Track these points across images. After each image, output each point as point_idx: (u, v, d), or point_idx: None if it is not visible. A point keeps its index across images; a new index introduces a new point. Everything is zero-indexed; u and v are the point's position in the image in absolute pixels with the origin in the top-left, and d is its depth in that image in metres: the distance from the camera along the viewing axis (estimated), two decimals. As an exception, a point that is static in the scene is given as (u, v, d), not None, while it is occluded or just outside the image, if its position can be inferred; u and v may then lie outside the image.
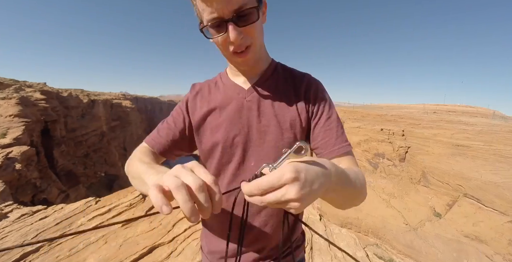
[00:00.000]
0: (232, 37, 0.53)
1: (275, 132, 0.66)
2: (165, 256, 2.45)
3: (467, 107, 30.29)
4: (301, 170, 0.35)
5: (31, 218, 3.26)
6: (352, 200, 0.55)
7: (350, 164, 0.63)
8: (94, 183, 22.84)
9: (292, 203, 0.35)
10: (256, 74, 0.72)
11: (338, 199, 0.51)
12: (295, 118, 0.67)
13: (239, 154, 0.68)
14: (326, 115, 0.68)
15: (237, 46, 0.57)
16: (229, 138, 0.68)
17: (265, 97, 0.69)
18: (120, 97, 41.71)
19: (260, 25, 0.60)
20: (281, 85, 0.72)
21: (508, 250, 12.09)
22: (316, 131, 0.68)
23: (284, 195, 0.34)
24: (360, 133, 24.32)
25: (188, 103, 0.75)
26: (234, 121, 0.68)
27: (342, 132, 0.68)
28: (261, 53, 0.68)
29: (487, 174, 15.14)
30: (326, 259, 2.49)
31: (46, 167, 14.74)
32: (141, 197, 3.81)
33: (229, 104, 0.70)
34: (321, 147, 0.66)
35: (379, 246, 14.76)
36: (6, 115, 14.15)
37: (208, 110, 0.71)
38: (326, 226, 3.23)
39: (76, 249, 2.52)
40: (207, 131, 0.71)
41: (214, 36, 0.56)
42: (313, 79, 0.73)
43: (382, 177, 21.08)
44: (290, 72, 0.75)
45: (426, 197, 17.40)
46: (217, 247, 0.74)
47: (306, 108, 0.69)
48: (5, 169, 9.64)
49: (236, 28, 0.53)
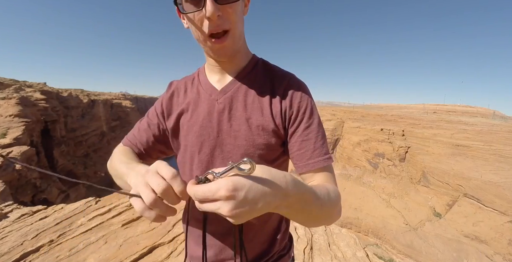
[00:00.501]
0: (208, 12, 0.49)
1: (246, 137, 0.62)
2: (165, 256, 2.44)
3: (467, 107, 30.30)
4: (240, 187, 0.34)
5: (31, 218, 3.27)
6: (317, 220, 0.51)
7: (324, 181, 0.59)
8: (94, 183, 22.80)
9: (224, 216, 0.35)
10: (233, 70, 0.67)
11: (298, 217, 0.47)
12: (268, 124, 0.62)
13: (208, 159, 0.65)
14: (305, 123, 0.62)
15: (214, 26, 0.52)
16: (198, 142, 0.65)
17: (238, 99, 0.64)
18: (120, 97, 41.73)
19: (241, 11, 0.57)
20: (258, 85, 0.66)
21: (508, 250, 12.09)
22: (292, 139, 0.63)
23: (217, 210, 0.34)
24: (360, 132, 24.33)
25: (163, 106, 0.73)
26: (204, 125, 0.64)
27: (322, 143, 0.62)
28: (240, 44, 0.63)
29: (487, 174, 15.15)
30: (326, 259, 2.49)
31: (46, 167, 14.74)
32: (141, 197, 3.81)
33: (200, 106, 0.67)
34: (296, 159, 0.62)
35: (379, 246, 14.77)
36: (6, 115, 14.15)
37: (180, 113, 0.69)
38: (326, 226, 3.23)
39: (76, 249, 2.52)
40: (180, 134, 0.69)
41: (190, 11, 0.52)
42: (295, 80, 0.67)
43: (382, 177, 21.09)
44: (271, 71, 0.69)
45: (426, 197, 17.41)
46: (194, 252, 0.70)
47: (281, 113, 0.63)
48: (5, 169, 9.64)
49: (215, 3, 0.49)
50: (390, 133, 22.61)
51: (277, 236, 0.72)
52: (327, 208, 0.49)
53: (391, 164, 21.29)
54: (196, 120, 0.66)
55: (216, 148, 0.64)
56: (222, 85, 0.67)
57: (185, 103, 0.69)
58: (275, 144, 0.63)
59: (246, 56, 0.69)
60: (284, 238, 0.75)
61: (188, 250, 0.75)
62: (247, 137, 0.62)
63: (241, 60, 0.68)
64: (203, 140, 0.64)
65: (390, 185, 19.82)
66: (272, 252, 0.70)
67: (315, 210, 0.46)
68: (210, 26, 0.52)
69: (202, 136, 0.64)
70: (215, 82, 0.68)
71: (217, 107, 0.65)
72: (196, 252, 0.69)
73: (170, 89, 0.75)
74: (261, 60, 0.72)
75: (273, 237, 0.71)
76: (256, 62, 0.70)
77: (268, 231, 0.70)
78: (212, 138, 0.64)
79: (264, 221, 0.67)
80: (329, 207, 0.50)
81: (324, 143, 0.62)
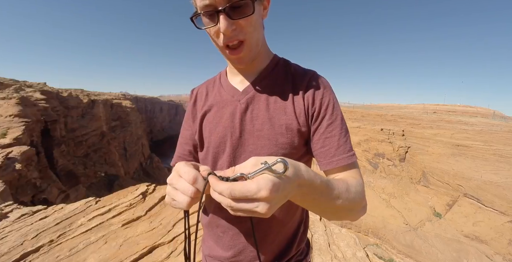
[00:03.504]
0: (222, 28, 0.50)
1: (269, 136, 0.61)
2: (165, 256, 2.44)
3: (467, 107, 30.28)
4: (280, 189, 0.36)
5: (31, 218, 3.27)
6: (336, 213, 0.52)
7: (349, 176, 0.58)
8: (94, 183, 22.83)
9: (260, 216, 0.36)
10: (254, 72, 0.68)
11: (314, 209, 0.50)
12: (292, 122, 0.62)
13: (230, 160, 0.65)
14: (328, 119, 0.61)
15: (228, 39, 0.54)
16: (221, 142, 0.65)
17: (260, 99, 0.65)
18: (120, 97, 41.68)
19: (258, 19, 0.56)
20: (279, 85, 0.66)
21: (508, 250, 12.09)
22: (315, 137, 0.62)
23: (254, 209, 0.35)
24: (360, 132, 24.32)
25: (190, 113, 0.76)
26: (226, 125, 0.65)
27: (346, 140, 0.61)
28: (258, 50, 0.63)
29: (487, 174, 15.14)
30: (326, 259, 2.49)
31: (46, 167, 14.73)
32: (141, 197, 3.81)
33: (223, 107, 0.68)
34: (320, 156, 0.61)
35: (379, 246, 14.77)
36: (6, 115, 14.15)
37: (203, 115, 0.70)
38: (326, 226, 3.23)
39: (76, 249, 2.52)
40: (203, 135, 0.70)
41: (206, 26, 0.54)
42: (316, 77, 0.66)
43: (382, 177, 21.08)
44: (292, 69, 0.69)
45: (426, 197, 17.41)
46: (213, 252, 0.72)
47: (305, 111, 0.62)
48: (5, 169, 9.63)
49: (228, 19, 0.50)
50: (390, 133, 22.60)
51: (295, 239, 0.72)
52: (345, 202, 0.49)
53: (391, 164, 21.29)
54: (219, 121, 0.67)
55: (238, 148, 0.64)
56: (244, 86, 0.68)
57: (207, 106, 0.71)
58: (298, 143, 0.63)
59: (267, 57, 0.70)
60: (302, 241, 0.75)
61: (205, 249, 0.77)
62: (270, 137, 0.62)
63: (261, 62, 0.68)
64: (226, 140, 0.65)
65: (390, 185, 19.81)
66: (289, 255, 0.70)
67: (329, 201, 0.47)
68: (224, 39, 0.54)
69: (225, 136, 0.65)
70: (237, 84, 0.69)
71: (240, 107, 0.65)
72: (214, 251, 0.71)
73: (192, 96, 0.78)
74: (282, 60, 0.72)
75: (291, 240, 0.71)
76: (277, 62, 0.70)
77: (287, 233, 0.70)
78: (234, 138, 0.64)
79: (283, 224, 0.68)
80: (347, 201, 0.50)
81: (347, 140, 0.62)
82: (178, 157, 0.76)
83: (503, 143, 17.44)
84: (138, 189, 4.13)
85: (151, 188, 4.18)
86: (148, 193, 4.01)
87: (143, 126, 47.10)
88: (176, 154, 0.78)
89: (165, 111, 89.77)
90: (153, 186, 4.25)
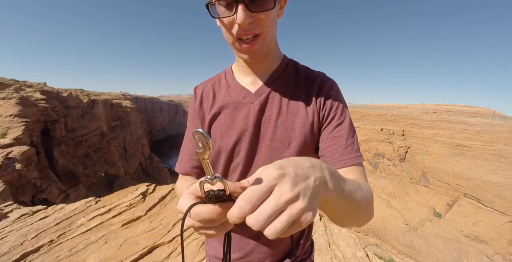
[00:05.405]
0: (239, 19, 0.48)
1: (282, 139, 0.61)
2: (165, 256, 2.44)
3: (467, 107, 30.26)
4: (286, 165, 0.30)
5: (31, 218, 3.26)
6: (354, 214, 0.45)
7: (356, 177, 0.56)
8: (94, 183, 22.83)
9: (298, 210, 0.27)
10: (265, 72, 0.67)
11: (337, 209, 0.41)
12: (305, 125, 0.61)
13: (244, 162, 0.64)
14: (337, 120, 0.62)
15: (243, 31, 0.51)
16: (234, 145, 0.64)
17: (274, 101, 0.64)
18: (120, 97, 41.68)
19: (274, 16, 0.55)
20: (291, 87, 0.66)
21: (508, 250, 12.09)
22: (323, 137, 0.62)
23: (280, 197, 0.26)
24: (360, 132, 24.30)
25: (197, 115, 0.72)
26: (239, 127, 0.64)
27: (353, 141, 0.61)
28: (270, 48, 0.61)
29: (487, 174, 15.14)
30: (326, 259, 2.49)
31: (46, 167, 14.73)
32: (141, 197, 3.81)
33: (235, 109, 0.66)
34: (327, 155, 0.60)
35: (379, 246, 14.76)
36: (6, 115, 14.15)
37: (212, 117, 0.68)
38: (326, 226, 3.23)
39: (76, 249, 2.52)
40: (214, 137, 0.68)
41: (221, 15, 0.51)
42: (327, 79, 0.67)
43: (382, 177, 21.09)
44: (303, 71, 0.69)
45: (426, 197, 17.41)
46: (219, 253, 0.73)
47: (317, 113, 0.62)
48: (5, 169, 9.63)
49: (246, 10, 0.48)
50: (390, 133, 22.60)
51: (301, 240, 0.72)
52: (358, 201, 0.43)
53: (391, 164, 21.29)
54: (231, 124, 0.65)
55: (252, 151, 0.64)
56: (255, 88, 0.66)
57: (216, 107, 0.68)
58: (310, 146, 0.63)
59: (278, 57, 0.69)
60: (307, 241, 0.75)
61: (209, 250, 0.77)
62: (283, 140, 0.62)
63: (272, 62, 0.67)
64: (239, 143, 0.64)
65: (390, 185, 19.82)
66: (295, 254, 0.71)
67: (349, 200, 0.41)
68: (239, 30, 0.52)
69: (239, 140, 0.64)
70: (247, 85, 0.67)
71: (253, 109, 0.64)
72: (221, 253, 0.71)
73: (197, 96, 0.73)
74: (292, 61, 0.71)
75: (298, 240, 0.72)
76: (287, 63, 0.70)
77: (294, 234, 0.70)
78: (249, 141, 0.63)
79: None
80: (361, 200, 0.44)
81: (355, 141, 0.62)
82: (185, 162, 0.73)
83: (503, 143, 17.43)
84: (138, 189, 4.14)
85: (151, 188, 4.19)
86: (148, 193, 4.01)
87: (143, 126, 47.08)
88: (182, 158, 0.75)
89: (165, 111, 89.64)
90: (153, 186, 4.26)
